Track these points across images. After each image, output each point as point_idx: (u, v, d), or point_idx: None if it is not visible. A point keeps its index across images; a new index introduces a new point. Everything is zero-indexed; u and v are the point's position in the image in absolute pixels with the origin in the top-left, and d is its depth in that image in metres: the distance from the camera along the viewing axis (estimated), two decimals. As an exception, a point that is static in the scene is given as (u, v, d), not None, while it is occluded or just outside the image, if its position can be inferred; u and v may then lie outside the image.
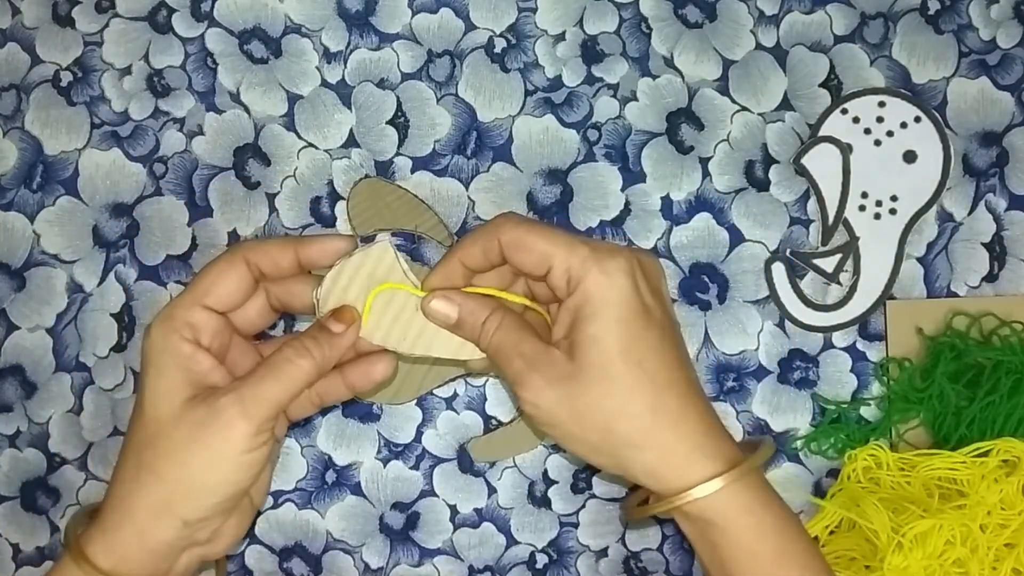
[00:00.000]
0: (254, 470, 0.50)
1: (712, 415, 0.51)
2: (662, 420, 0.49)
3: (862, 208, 0.63)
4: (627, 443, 0.49)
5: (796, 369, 0.63)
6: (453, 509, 0.63)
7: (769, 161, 0.64)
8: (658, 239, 0.63)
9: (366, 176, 0.64)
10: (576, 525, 0.63)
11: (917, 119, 0.63)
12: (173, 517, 0.49)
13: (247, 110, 0.64)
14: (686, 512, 0.50)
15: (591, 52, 0.64)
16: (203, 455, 0.49)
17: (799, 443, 0.63)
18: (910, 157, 0.63)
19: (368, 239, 0.63)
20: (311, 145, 0.64)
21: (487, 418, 0.63)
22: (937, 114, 0.63)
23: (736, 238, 0.63)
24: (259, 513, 0.63)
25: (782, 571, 0.50)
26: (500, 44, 0.64)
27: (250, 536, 0.63)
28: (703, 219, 0.64)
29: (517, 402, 0.52)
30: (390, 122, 0.64)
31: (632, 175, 0.64)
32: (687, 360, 0.52)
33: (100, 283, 0.63)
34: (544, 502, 0.63)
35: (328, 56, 0.64)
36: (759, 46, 0.64)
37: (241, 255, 0.52)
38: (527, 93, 0.64)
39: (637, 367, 0.49)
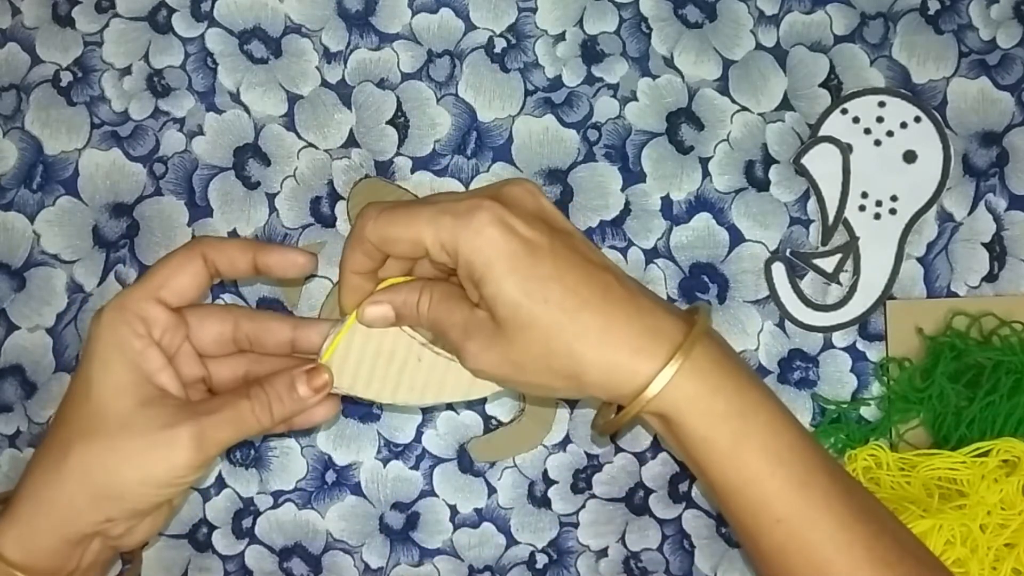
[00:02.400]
0: (184, 488, 0.50)
1: (643, 306, 0.49)
2: (590, 341, 0.47)
3: (862, 208, 0.63)
4: (569, 375, 0.48)
5: (796, 369, 0.63)
6: (453, 509, 0.63)
7: (769, 161, 0.64)
8: (658, 239, 0.63)
9: (366, 176, 0.64)
10: (576, 525, 0.63)
11: (917, 119, 0.63)
12: (95, 513, 0.48)
13: (247, 110, 0.64)
14: (644, 417, 0.49)
15: (591, 52, 0.64)
16: (144, 470, 0.48)
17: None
18: (910, 157, 0.63)
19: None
20: (311, 145, 0.64)
21: (487, 418, 0.63)
22: (937, 114, 0.63)
23: (736, 238, 0.63)
24: (259, 513, 0.63)
25: (739, 459, 0.47)
26: (500, 44, 0.64)
27: (250, 536, 0.63)
28: (703, 219, 0.64)
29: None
30: (390, 122, 0.64)
31: (632, 175, 0.64)
32: (595, 265, 0.49)
33: (100, 283, 0.63)
34: (544, 502, 0.63)
35: (328, 56, 0.64)
36: (759, 46, 0.64)
37: (199, 250, 0.51)
38: (527, 93, 0.64)
39: (544, 305, 0.47)
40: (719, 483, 0.48)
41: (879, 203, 0.63)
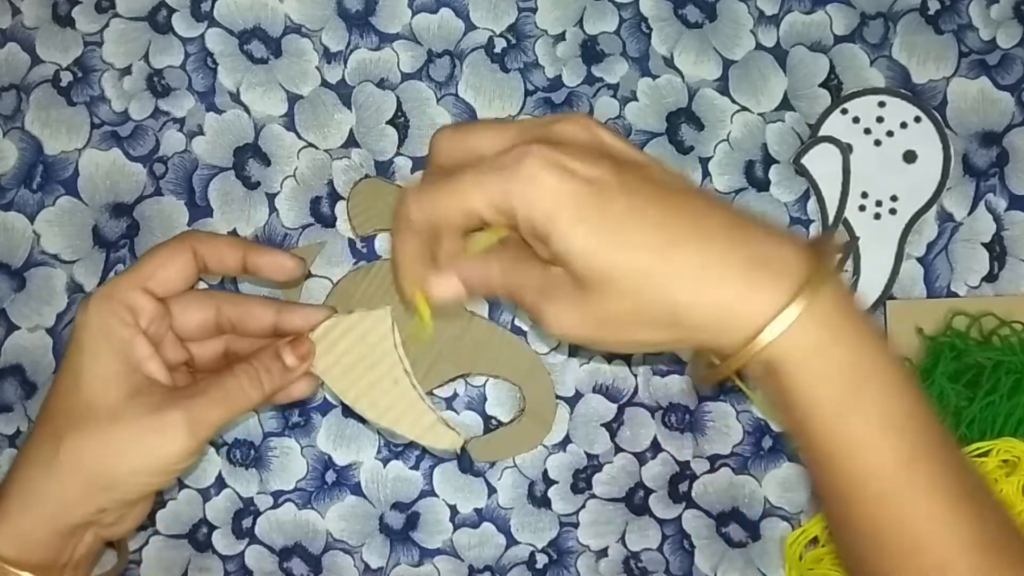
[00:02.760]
0: (176, 476, 0.50)
1: (752, 233, 0.41)
2: (687, 281, 0.40)
3: (862, 208, 0.63)
4: (668, 323, 0.41)
5: (796, 369, 0.63)
6: (453, 509, 0.63)
7: (769, 161, 0.64)
8: (658, 239, 0.63)
9: (366, 176, 0.64)
10: (576, 525, 0.63)
11: (917, 119, 0.63)
12: (88, 504, 0.48)
13: (247, 110, 0.64)
14: (752, 367, 0.41)
15: (591, 52, 0.64)
16: (137, 459, 0.48)
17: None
18: (910, 157, 0.63)
19: (369, 239, 0.63)
20: (311, 145, 0.64)
21: (487, 418, 0.63)
22: (937, 114, 0.63)
23: (736, 238, 0.63)
24: (259, 513, 0.63)
25: (848, 422, 0.41)
26: (500, 44, 0.64)
27: (250, 536, 0.63)
28: (703, 219, 0.63)
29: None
30: (390, 122, 0.64)
31: (632, 175, 0.64)
32: (682, 193, 0.42)
33: (100, 283, 0.63)
34: (544, 502, 0.63)
35: (328, 56, 0.64)
36: (759, 46, 0.64)
37: (189, 243, 0.50)
38: (527, 93, 0.64)
39: (624, 250, 0.40)
40: (820, 446, 0.42)
41: (879, 203, 0.63)
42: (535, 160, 0.41)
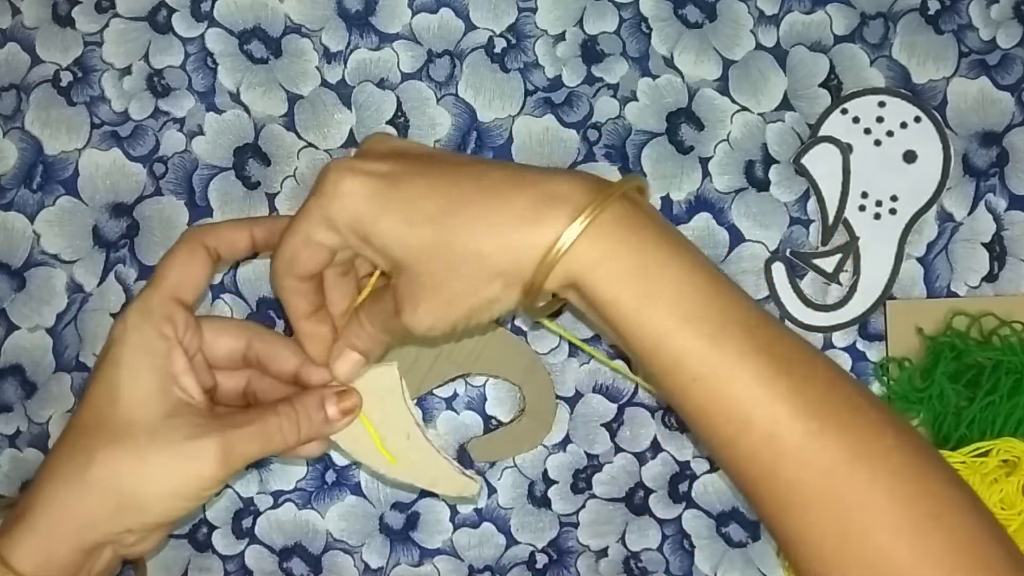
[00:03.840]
0: (202, 504, 0.50)
1: (530, 178, 0.45)
2: (482, 231, 0.44)
3: (862, 208, 0.63)
4: (488, 275, 0.45)
5: (796, 369, 0.63)
6: (453, 509, 0.63)
7: (769, 161, 0.64)
8: (658, 239, 0.63)
9: (366, 176, 0.64)
10: (576, 525, 0.63)
11: (917, 119, 0.63)
12: (115, 524, 0.48)
13: (247, 110, 0.64)
14: (561, 288, 0.45)
15: (591, 52, 0.64)
16: (169, 482, 0.47)
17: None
18: (910, 157, 0.63)
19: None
20: (311, 145, 0.64)
21: (487, 418, 0.63)
22: (937, 114, 0.63)
23: (736, 238, 0.63)
24: (259, 513, 0.63)
25: (646, 318, 0.44)
26: (500, 44, 0.64)
27: (250, 536, 0.63)
28: (703, 219, 0.63)
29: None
30: (390, 122, 0.64)
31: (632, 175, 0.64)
32: (467, 162, 0.47)
33: (100, 283, 0.63)
34: (544, 502, 0.63)
35: (328, 56, 0.64)
36: (759, 46, 0.64)
37: (199, 240, 0.51)
38: (527, 93, 0.64)
39: (427, 224, 0.45)
40: (635, 348, 0.45)
41: (879, 203, 0.63)
42: (334, 173, 0.46)
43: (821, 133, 0.63)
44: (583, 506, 0.63)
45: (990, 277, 0.63)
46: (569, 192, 0.44)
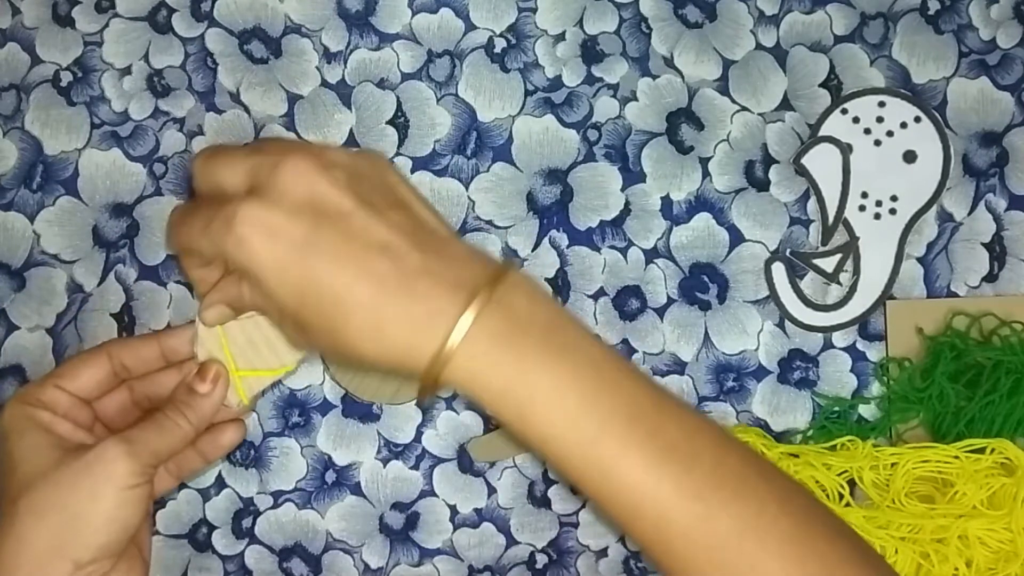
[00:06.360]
0: (138, 508, 0.49)
1: (419, 289, 0.44)
2: (367, 342, 0.45)
3: (862, 208, 0.63)
4: (371, 364, 0.46)
5: (796, 369, 0.63)
6: (453, 509, 0.63)
7: (769, 161, 0.64)
8: (658, 239, 0.63)
9: (366, 176, 0.64)
10: (576, 525, 0.63)
11: (917, 119, 0.63)
12: (63, 560, 0.48)
13: (247, 110, 0.64)
14: (458, 390, 0.46)
15: (591, 52, 0.64)
16: (86, 492, 0.48)
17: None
18: (910, 157, 0.63)
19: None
20: (311, 145, 0.64)
21: (487, 418, 0.63)
22: (937, 114, 0.63)
23: (736, 238, 0.63)
24: (259, 513, 0.63)
25: (528, 428, 0.45)
26: (500, 44, 0.64)
27: (250, 536, 0.63)
28: (703, 219, 0.64)
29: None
30: (390, 122, 0.64)
31: (632, 175, 0.64)
32: (373, 251, 0.45)
33: (100, 283, 0.63)
34: (544, 502, 0.63)
35: (328, 56, 0.64)
36: (759, 46, 0.64)
37: (105, 349, 0.54)
38: (527, 93, 0.64)
39: (318, 312, 0.45)
40: (527, 441, 0.45)
41: (879, 203, 0.63)
42: (242, 224, 0.44)
43: (821, 133, 0.63)
44: (583, 506, 0.63)
45: (990, 277, 0.63)
46: (447, 305, 0.44)
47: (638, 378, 0.46)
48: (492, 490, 0.63)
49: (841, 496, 0.60)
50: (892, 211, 0.63)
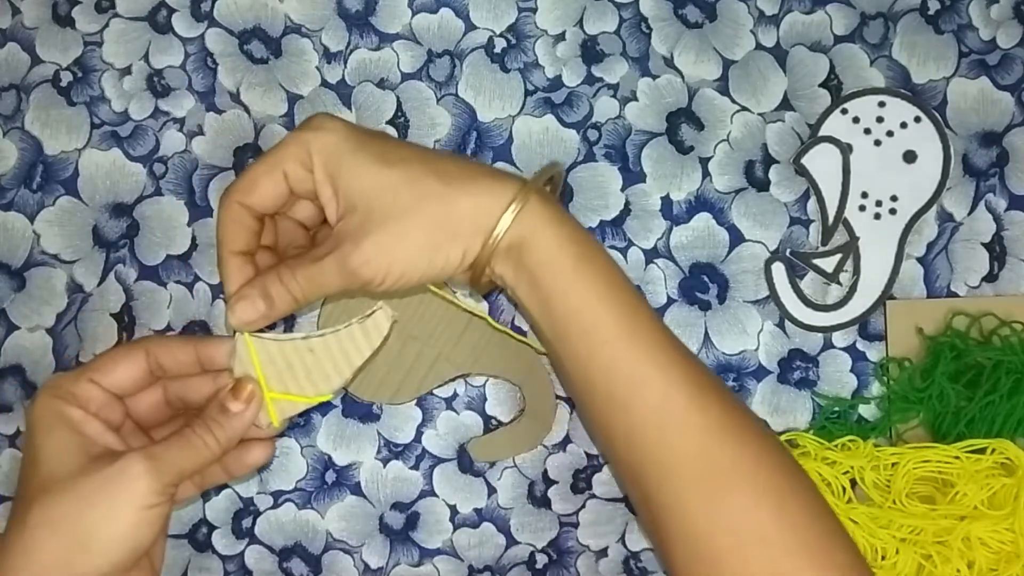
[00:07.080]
0: (154, 528, 0.49)
1: (471, 171, 0.52)
2: (456, 185, 0.51)
3: (862, 208, 0.63)
4: (445, 215, 0.51)
5: (796, 369, 0.63)
6: (453, 509, 0.63)
7: (769, 161, 0.64)
8: (658, 239, 0.63)
9: (366, 176, 0.64)
10: (576, 525, 0.63)
11: (917, 119, 0.63)
12: (66, 570, 0.47)
13: (247, 110, 0.64)
14: (504, 254, 0.51)
15: (591, 52, 0.64)
16: (104, 507, 0.47)
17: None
18: (910, 157, 0.63)
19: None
20: (311, 145, 0.64)
21: (487, 418, 0.63)
22: (937, 114, 0.63)
23: (736, 238, 0.63)
24: (259, 513, 0.63)
25: (579, 278, 0.51)
26: (500, 44, 0.64)
27: (250, 536, 0.63)
28: (703, 219, 0.64)
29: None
30: (390, 122, 0.64)
31: (632, 175, 0.64)
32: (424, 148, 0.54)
33: (100, 283, 0.63)
34: (544, 502, 0.63)
35: (328, 56, 0.64)
36: (759, 46, 0.64)
37: (143, 345, 0.53)
38: (527, 93, 0.64)
39: (404, 162, 0.51)
40: (558, 310, 0.51)
41: (879, 203, 0.63)
42: (321, 115, 0.52)
43: (821, 133, 0.63)
44: (583, 506, 0.63)
45: (990, 277, 0.63)
46: (501, 183, 0.51)
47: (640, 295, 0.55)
48: (492, 490, 0.63)
49: (844, 490, 0.60)
50: (892, 211, 0.63)
